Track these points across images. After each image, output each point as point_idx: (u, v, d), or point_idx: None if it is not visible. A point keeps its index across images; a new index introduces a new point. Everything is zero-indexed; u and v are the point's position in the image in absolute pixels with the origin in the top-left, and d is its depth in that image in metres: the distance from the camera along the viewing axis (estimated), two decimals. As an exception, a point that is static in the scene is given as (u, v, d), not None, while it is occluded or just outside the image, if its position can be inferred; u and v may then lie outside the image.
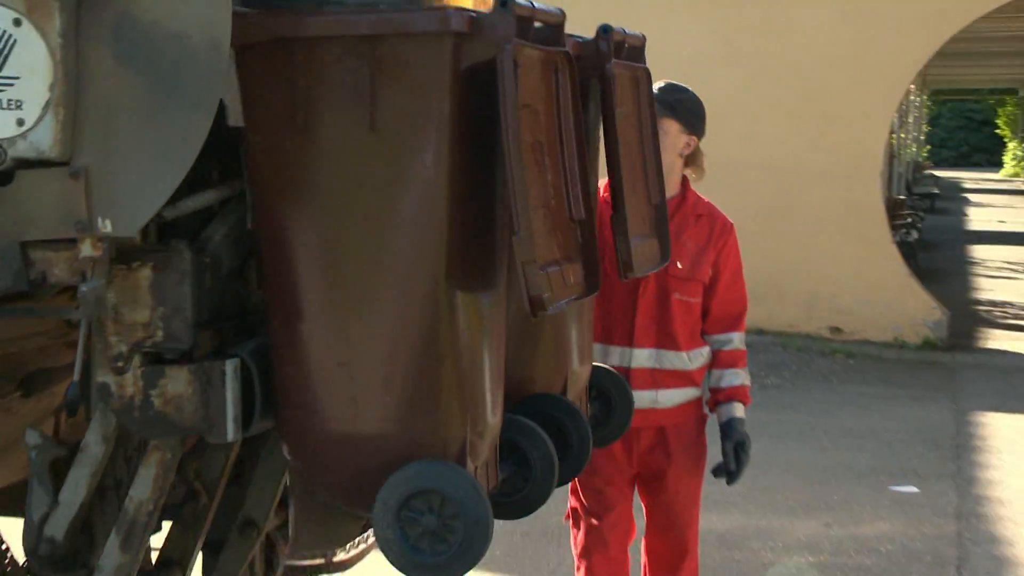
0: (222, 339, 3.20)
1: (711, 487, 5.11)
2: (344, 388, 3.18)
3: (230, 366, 3.07)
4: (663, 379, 5.00)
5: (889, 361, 12.49)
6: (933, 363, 12.46)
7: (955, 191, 37.50)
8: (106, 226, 2.83)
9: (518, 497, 3.62)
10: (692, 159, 5.05)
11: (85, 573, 3.35)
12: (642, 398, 4.68)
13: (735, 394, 5.10)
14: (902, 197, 23.16)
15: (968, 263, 21.52)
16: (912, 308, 13.28)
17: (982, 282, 19.10)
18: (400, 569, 3.12)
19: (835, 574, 6.60)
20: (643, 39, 4.21)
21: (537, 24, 3.24)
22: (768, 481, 7.66)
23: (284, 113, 3.01)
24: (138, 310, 3.02)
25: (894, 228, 15.27)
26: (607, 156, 3.80)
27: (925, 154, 39.77)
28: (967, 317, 14.93)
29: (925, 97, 35.10)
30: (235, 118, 3.03)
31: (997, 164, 48.83)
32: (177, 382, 3.04)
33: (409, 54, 2.97)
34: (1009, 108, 44.90)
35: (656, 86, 4.77)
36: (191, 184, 3.17)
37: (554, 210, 3.44)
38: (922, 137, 38.90)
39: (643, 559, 5.18)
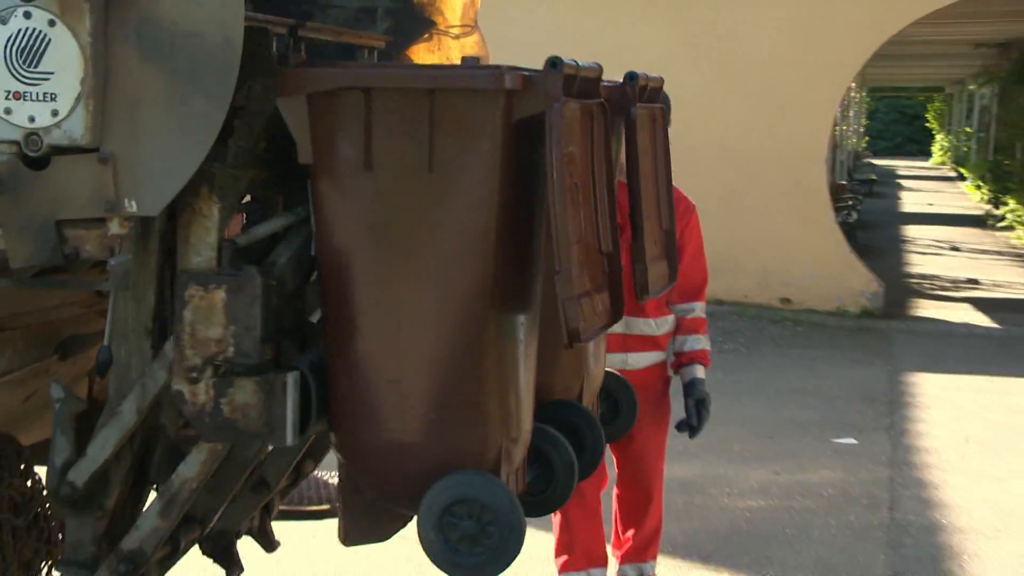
0: (281, 350, 3.19)
1: (675, 440, 5.12)
2: (394, 402, 3.18)
3: (291, 379, 3.09)
4: (632, 343, 5.05)
5: (832, 328, 12.51)
6: (870, 329, 12.48)
7: (890, 177, 37.47)
8: (132, 206, 2.84)
9: (541, 497, 3.62)
10: None
11: (100, 513, 3.36)
12: (613, 360, 4.67)
13: (696, 357, 5.14)
14: (844, 182, 23.18)
15: (901, 241, 21.54)
16: (852, 281, 13.33)
17: (913, 258, 19.13)
18: (440, 567, 3.14)
19: (783, 516, 6.62)
20: (662, 81, 4.17)
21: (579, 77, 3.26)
22: (725, 434, 7.66)
23: (351, 154, 3.02)
24: (212, 328, 3.02)
25: (837, 210, 15.29)
26: (629, 188, 3.81)
27: (864, 144, 39.80)
28: (900, 289, 14.96)
29: (864, 94, 35.12)
30: (304, 156, 3.05)
31: (927, 154, 48.92)
32: (244, 392, 3.05)
33: (466, 107, 2.98)
34: (937, 104, 44.99)
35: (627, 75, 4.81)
36: (261, 213, 3.30)
37: (587, 244, 3.46)
38: (861, 129, 38.94)
39: (614, 506, 5.19)
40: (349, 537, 3.44)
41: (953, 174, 39.48)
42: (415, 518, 3.13)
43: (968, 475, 7.57)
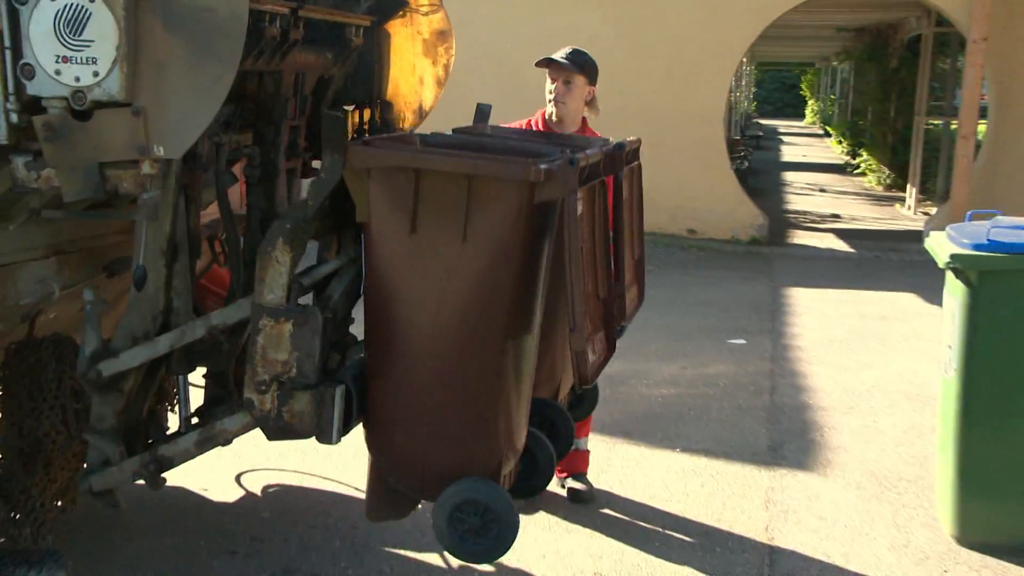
0: (328, 359, 3.29)
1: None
2: (420, 415, 3.23)
3: (338, 392, 3.17)
4: None
5: (727, 253, 12.56)
6: (756, 254, 12.54)
7: (773, 134, 37.56)
8: (159, 151, 2.84)
9: (527, 484, 3.66)
10: (591, 104, 4.92)
11: (119, 394, 3.41)
12: None
13: None
14: (737, 138, 23.16)
15: (781, 184, 21.62)
16: (743, 216, 13.32)
17: (790, 197, 19.20)
18: (449, 552, 3.26)
19: (688, 401, 6.67)
20: (639, 142, 4.21)
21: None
22: (644, 338, 7.69)
23: (400, 219, 3.05)
24: (280, 352, 3.11)
25: (732, 159, 15.27)
26: (614, 232, 3.83)
27: (753, 108, 39.78)
28: (780, 222, 15.02)
29: (753, 67, 35.11)
30: (362, 216, 3.13)
31: (801, 115, 49.11)
32: (301, 402, 3.13)
33: (498, 192, 2.99)
34: (809, 76, 45.11)
35: (565, 51, 4.83)
36: (319, 257, 3.41)
37: (590, 293, 3.53)
38: (751, 95, 38.92)
39: None
40: (374, 514, 3.51)
41: (821, 132, 39.61)
42: (432, 508, 3.21)
43: (829, 366, 7.65)
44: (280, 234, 3.09)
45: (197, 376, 3.72)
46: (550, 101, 4.82)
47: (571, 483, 5.09)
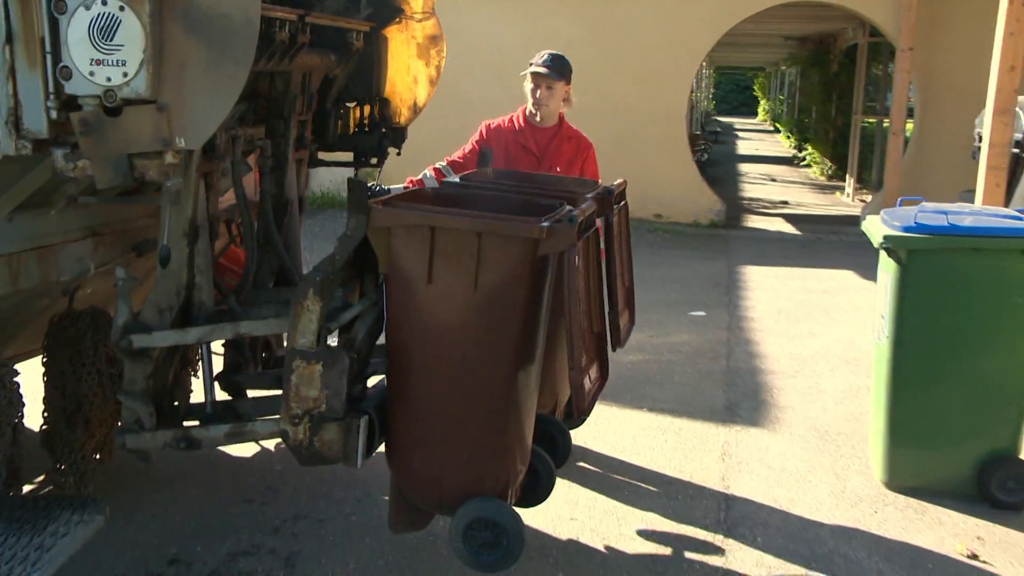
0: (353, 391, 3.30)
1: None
2: (437, 441, 3.25)
3: (363, 422, 3.20)
4: None
5: (689, 235, 12.56)
6: (715, 236, 12.53)
7: (730, 130, 37.56)
8: (181, 142, 2.84)
9: (531, 494, 3.69)
10: (567, 100, 4.90)
11: (148, 361, 3.42)
12: None
13: None
14: (698, 133, 23.13)
15: (737, 174, 21.61)
16: (704, 202, 13.32)
17: (745, 186, 19.21)
18: (465, 564, 3.28)
19: (654, 366, 6.68)
20: (625, 184, 4.33)
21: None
22: (613, 309, 7.67)
23: (417, 270, 3.09)
24: (311, 389, 3.14)
25: (694, 152, 15.25)
26: (607, 268, 3.87)
27: (712, 106, 39.68)
28: (736, 207, 15.02)
29: (711, 71, 35.00)
30: (383, 267, 3.19)
31: (754, 114, 49.05)
32: (329, 432, 3.17)
33: (505, 247, 3.03)
34: (760, 79, 44.93)
35: (544, 57, 4.78)
36: (344, 302, 3.39)
37: (586, 330, 3.57)
38: (710, 95, 38.82)
39: None
40: (396, 526, 3.52)
41: (771, 128, 39.57)
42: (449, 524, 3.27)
43: (778, 335, 7.66)
44: (311, 286, 3.13)
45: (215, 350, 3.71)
46: (533, 103, 4.79)
47: None
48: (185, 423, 3.69)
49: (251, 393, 4.03)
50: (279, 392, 3.35)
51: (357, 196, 3.09)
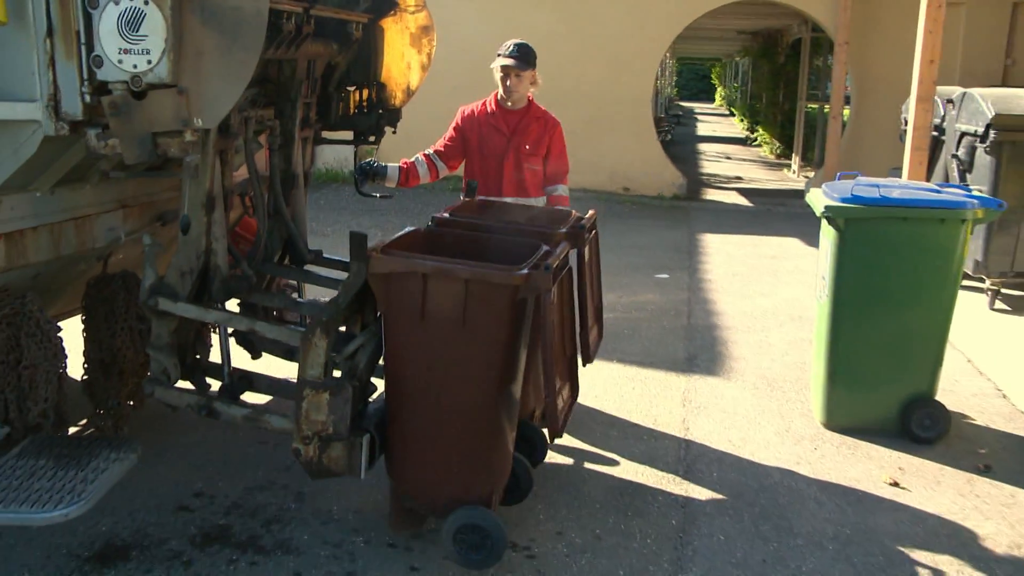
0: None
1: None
2: (429, 455, 3.30)
3: (365, 440, 3.24)
4: None
5: (655, 207, 12.55)
6: (677, 207, 12.54)
7: (690, 114, 37.42)
8: (199, 122, 2.85)
9: (512, 496, 3.71)
10: (534, 83, 4.74)
11: (172, 319, 3.43)
12: None
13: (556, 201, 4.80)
14: (662, 116, 23.08)
15: (697, 153, 21.57)
16: (668, 177, 13.32)
17: (704, 163, 19.18)
18: (455, 563, 3.32)
19: (624, 323, 6.71)
20: (595, 215, 4.28)
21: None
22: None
23: (410, 310, 3.14)
24: (319, 415, 3.19)
25: (659, 132, 15.26)
26: (579, 291, 3.88)
27: (674, 92, 39.53)
28: (696, 182, 15.01)
29: (674, 61, 34.83)
30: (382, 308, 3.23)
31: (712, 99, 48.84)
32: (336, 450, 3.21)
33: (488, 291, 3.09)
34: (717, 68, 44.68)
35: (511, 46, 4.62)
36: (348, 334, 3.44)
37: (558, 353, 3.63)
38: (673, 82, 38.67)
39: None
40: (396, 526, 3.54)
41: (727, 112, 39.50)
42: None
43: (733, 295, 7.69)
44: (318, 325, 3.19)
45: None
46: (503, 90, 4.67)
47: None
48: (208, 387, 3.73)
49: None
50: (290, 377, 3.42)
51: (358, 246, 3.16)
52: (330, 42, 4.02)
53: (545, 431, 4.04)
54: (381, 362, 3.39)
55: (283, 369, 4.32)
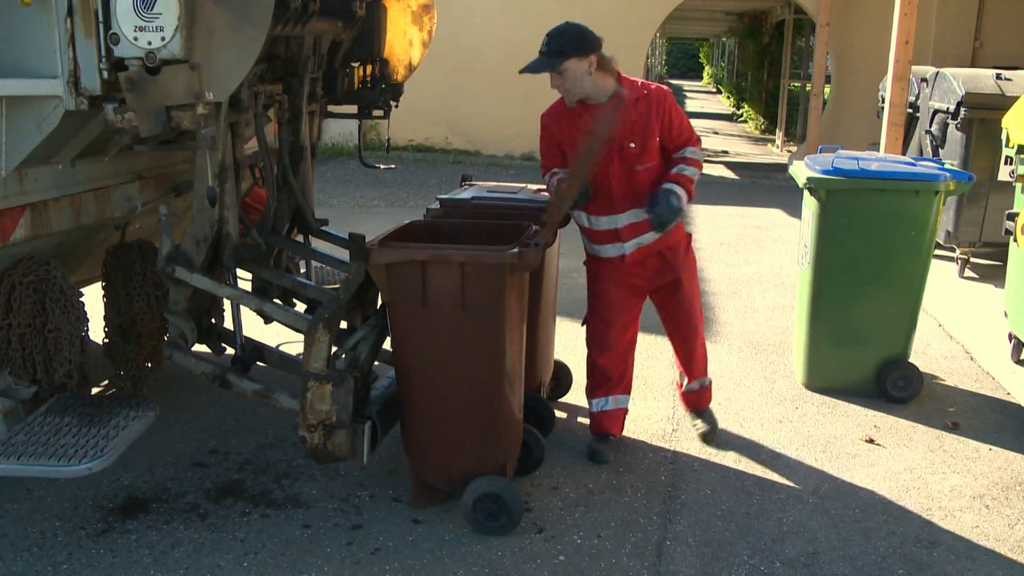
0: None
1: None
2: (443, 432, 3.31)
3: (367, 426, 3.25)
4: (642, 227, 3.76)
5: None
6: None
7: (680, 91, 37.09)
8: (210, 96, 2.84)
9: (525, 464, 3.70)
10: (602, 67, 3.67)
11: (187, 286, 3.43)
12: (640, 240, 3.83)
13: (677, 178, 3.76)
14: (650, 95, 22.97)
15: (683, 130, 21.48)
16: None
17: (691, 139, 19.10)
18: (475, 531, 3.31)
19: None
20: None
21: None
22: (581, 243, 7.67)
23: (412, 297, 3.14)
24: (324, 405, 3.19)
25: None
26: None
27: (664, 71, 39.30)
28: (683, 158, 14.95)
29: (664, 40, 34.63)
30: (384, 297, 3.22)
31: (700, 78, 48.49)
32: (339, 437, 3.21)
33: (484, 272, 3.08)
34: (705, 48, 44.38)
35: (543, 44, 3.67)
36: (350, 328, 3.45)
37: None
38: (663, 61, 38.44)
39: (673, 351, 4.20)
40: (417, 501, 3.52)
41: (714, 90, 39.21)
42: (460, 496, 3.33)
43: (720, 263, 7.71)
44: (321, 320, 3.19)
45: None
46: (562, 94, 3.73)
47: (699, 426, 4.21)
48: (224, 350, 3.77)
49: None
50: (298, 354, 3.44)
51: (357, 246, 3.16)
52: (335, 20, 3.99)
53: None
54: (388, 347, 3.40)
55: (293, 336, 4.33)
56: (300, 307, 4.20)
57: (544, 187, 4.05)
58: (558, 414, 4.39)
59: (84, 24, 2.77)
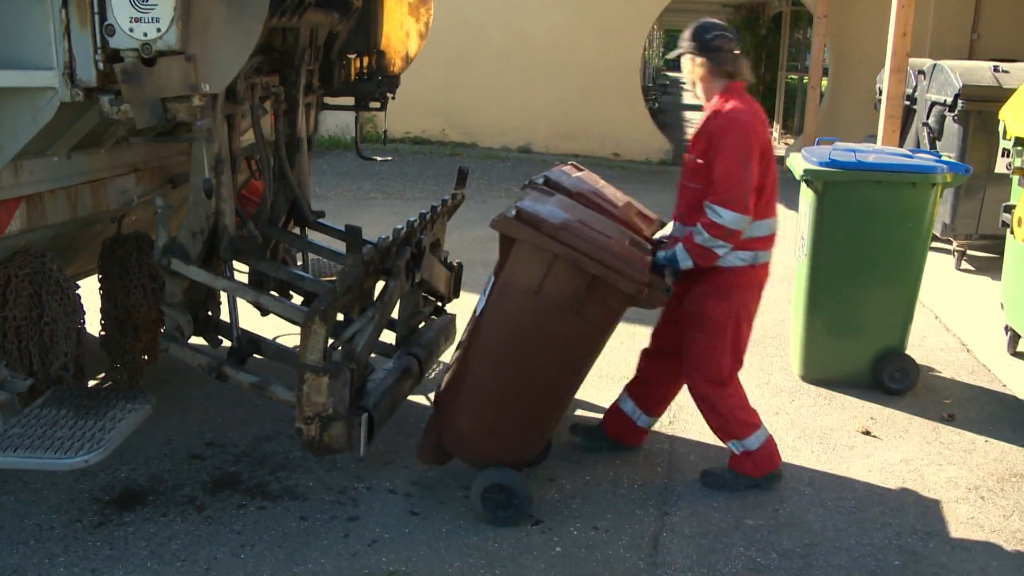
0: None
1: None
2: (489, 413, 3.29)
3: (364, 418, 3.23)
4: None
5: (642, 171, 12.50)
6: (664, 172, 12.47)
7: (676, 83, 37.01)
8: (206, 87, 2.83)
9: (535, 458, 3.71)
10: (714, 72, 3.76)
11: (184, 279, 3.43)
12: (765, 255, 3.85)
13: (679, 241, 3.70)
14: (650, 85, 22.93)
15: (682, 120, 21.45)
16: (655, 143, 13.28)
17: (689, 130, 19.04)
18: (483, 521, 3.32)
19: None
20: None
21: None
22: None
23: (527, 281, 3.09)
24: (320, 397, 3.16)
25: (647, 101, 15.20)
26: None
27: (661, 63, 39.20)
28: (681, 148, 14.89)
29: (661, 32, 34.55)
30: (499, 266, 3.17)
31: (697, 70, 48.43)
32: (336, 428, 3.18)
33: (612, 292, 3.07)
34: (703, 40, 44.35)
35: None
36: (346, 320, 3.43)
37: None
38: (660, 53, 38.33)
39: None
40: (422, 457, 3.53)
41: (710, 83, 39.18)
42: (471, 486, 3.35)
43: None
44: (317, 313, 3.16)
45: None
46: None
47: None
48: (220, 343, 3.75)
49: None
50: (295, 347, 3.41)
51: (353, 239, 3.14)
52: (331, 11, 3.98)
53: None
54: (384, 341, 3.37)
55: (290, 329, 4.32)
56: (297, 299, 4.19)
57: None
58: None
59: (79, 15, 2.76)
